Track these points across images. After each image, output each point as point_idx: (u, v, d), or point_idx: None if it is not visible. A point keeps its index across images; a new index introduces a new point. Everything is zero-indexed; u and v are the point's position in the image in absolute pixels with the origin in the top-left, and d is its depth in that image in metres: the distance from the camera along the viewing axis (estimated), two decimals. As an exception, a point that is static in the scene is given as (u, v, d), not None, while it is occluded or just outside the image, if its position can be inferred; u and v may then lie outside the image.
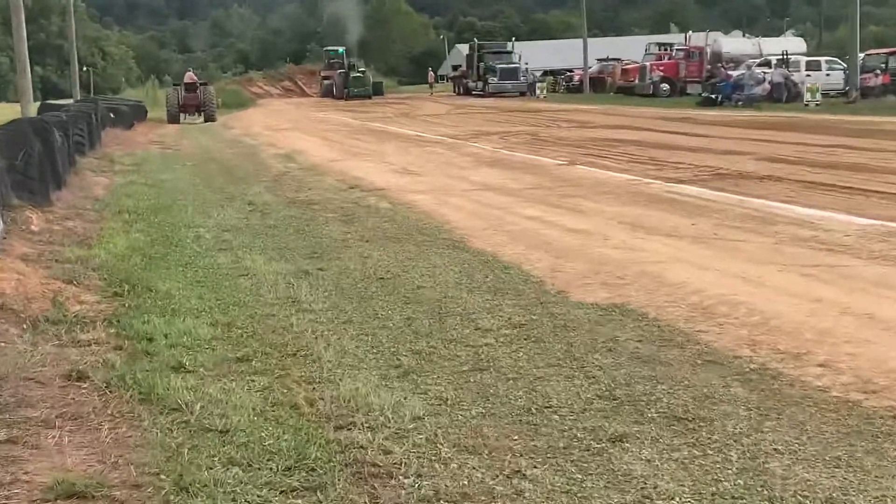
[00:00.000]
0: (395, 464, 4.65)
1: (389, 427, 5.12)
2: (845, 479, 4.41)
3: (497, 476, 4.50)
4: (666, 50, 61.96)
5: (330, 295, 8.35)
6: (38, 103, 34.38)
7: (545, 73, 74.62)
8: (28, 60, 28.29)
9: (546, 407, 5.42)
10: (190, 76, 50.10)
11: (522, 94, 65.98)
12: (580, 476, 4.50)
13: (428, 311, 7.69)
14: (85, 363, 6.26)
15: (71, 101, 41.89)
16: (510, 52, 71.84)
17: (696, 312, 7.39)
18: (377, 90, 74.48)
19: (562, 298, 8.03)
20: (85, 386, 5.89)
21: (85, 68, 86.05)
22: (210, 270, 9.51)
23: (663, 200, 13.63)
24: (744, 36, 77.12)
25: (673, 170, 17.43)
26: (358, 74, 72.66)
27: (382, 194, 15.53)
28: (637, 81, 55.54)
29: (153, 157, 24.68)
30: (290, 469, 4.58)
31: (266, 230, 12.17)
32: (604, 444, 4.85)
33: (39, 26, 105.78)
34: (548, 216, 12.63)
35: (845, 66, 44.48)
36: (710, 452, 4.73)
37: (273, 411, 5.41)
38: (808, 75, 44.41)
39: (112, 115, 33.81)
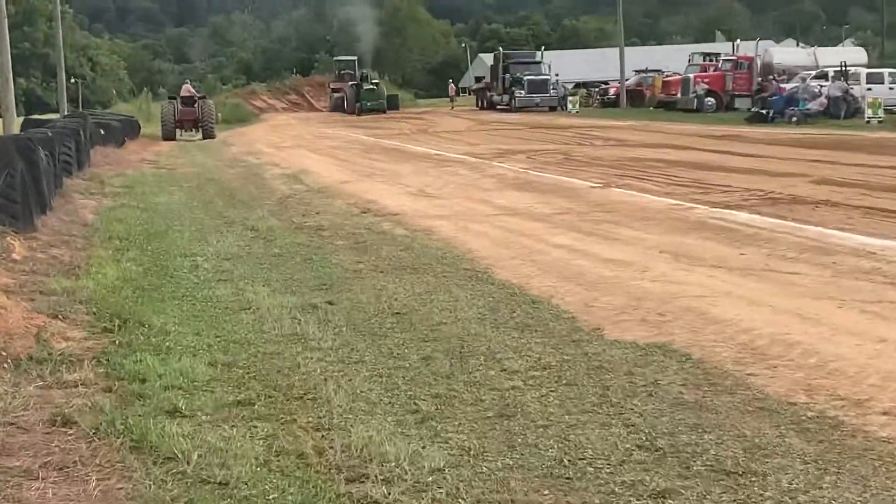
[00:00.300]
0: (412, 521, 4.64)
1: (406, 480, 5.12)
2: (914, 541, 4.37)
3: (526, 535, 4.49)
4: (711, 60, 61.97)
5: (340, 331, 8.36)
6: (22, 118, 34.62)
7: (577, 85, 74.80)
8: (11, 72, 28.52)
9: (580, 458, 5.41)
10: (187, 89, 50.39)
11: (552, 108, 65.99)
12: (618, 536, 4.48)
13: (448, 349, 7.69)
14: (71, 407, 6.28)
15: (57, 116, 42.19)
16: (539, 63, 71.89)
17: (747, 353, 7.36)
18: (392, 104, 74.68)
19: (596, 336, 8.01)
20: (71, 432, 5.91)
21: (73, 80, 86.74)
22: (209, 304, 9.54)
23: (709, 227, 13.60)
24: (798, 45, 77.19)
25: (719, 193, 17.40)
26: (371, 87, 72.84)
27: (398, 219, 15.56)
28: (679, 95, 55.55)
29: (146, 178, 24.81)
30: (296, 526, 4.58)
31: (270, 259, 12.20)
32: (645, 501, 4.83)
33: (23, 34, 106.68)
34: (580, 244, 12.62)
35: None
36: (763, 510, 4.70)
37: (278, 461, 5.41)
38: (870, 89, 44.30)
39: (102, 132, 34.02)
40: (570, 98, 65.86)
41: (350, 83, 75.88)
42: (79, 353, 7.61)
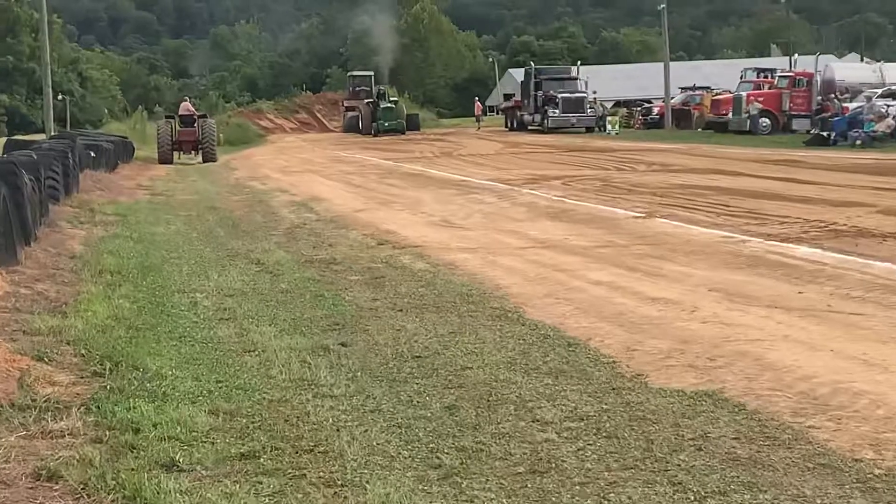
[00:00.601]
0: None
1: (428, 543, 5.10)
2: None
3: None
4: (766, 77, 62.03)
5: (355, 377, 8.36)
6: (4, 139, 34.90)
7: (617, 104, 75.00)
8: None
9: (621, 520, 5.39)
10: (186, 107, 50.78)
11: (589, 129, 66.13)
12: None
13: (475, 397, 7.68)
14: (57, 459, 6.29)
15: (43, 136, 42.48)
16: (575, 79, 72.02)
17: (807, 403, 7.32)
18: (412, 124, 75.00)
19: (639, 384, 7.98)
20: (57, 487, 5.91)
21: (60, 97, 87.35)
22: (209, 345, 9.56)
23: (764, 263, 13.57)
24: (862, 60, 77.08)
25: (776, 225, 17.36)
26: (389, 105, 73.15)
27: (419, 252, 15.58)
28: (730, 115, 55.53)
29: (141, 206, 24.94)
30: None
31: (277, 296, 12.23)
32: (693, 568, 4.80)
33: (6, 46, 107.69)
34: (622, 281, 12.61)
35: None
36: (826, 580, 4.67)
37: (285, 521, 5.40)
38: (944, 108, 44.22)
39: (92, 154, 34.20)
40: (608, 118, 66.03)
41: (366, 101, 76.27)
42: (66, 399, 7.63)
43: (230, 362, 8.90)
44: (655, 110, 69.08)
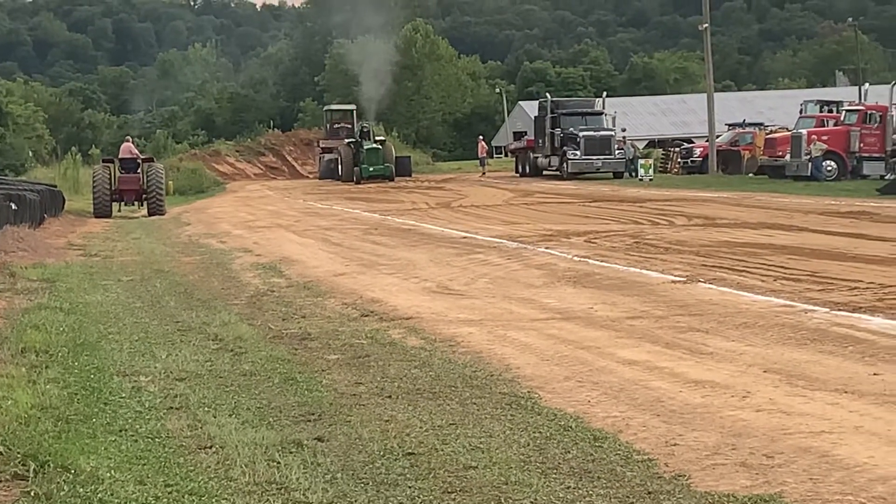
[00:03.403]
0: None
1: None
2: None
3: None
4: (831, 111, 62.26)
5: (334, 479, 8.35)
6: None
7: (651, 143, 75.31)
8: None
9: None
10: (128, 148, 50.81)
11: (618, 174, 66.38)
12: None
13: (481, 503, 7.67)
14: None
15: (-46, 184, 42.57)
16: (599, 114, 72.21)
17: (885, 510, 7.32)
18: (403, 169, 75.23)
19: (681, 487, 7.97)
20: None
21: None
22: (156, 441, 9.54)
23: (831, 337, 13.56)
24: (947, 90, 77.36)
25: (845, 291, 17.38)
26: (375, 146, 73.16)
27: (411, 325, 15.58)
28: (788, 157, 55.74)
29: (73, 269, 24.93)
30: None
31: (239, 379, 12.21)
32: None
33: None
34: (658, 360, 12.60)
35: None
36: None
37: None
38: None
39: (13, 207, 34.25)
40: (641, 161, 66.28)
41: (346, 140, 76.33)
42: (-19, 507, 7.61)
43: (182, 462, 8.87)
44: (697, 151, 69.33)
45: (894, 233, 26.76)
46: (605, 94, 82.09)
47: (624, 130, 71.18)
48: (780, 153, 57.38)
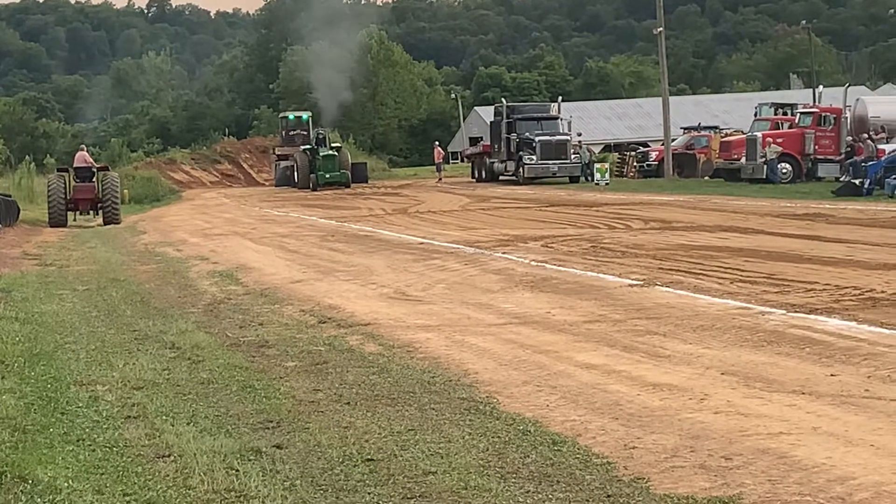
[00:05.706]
0: None
1: None
2: None
3: None
4: (785, 114, 62.52)
5: (293, 486, 8.34)
6: None
7: (607, 147, 75.45)
8: None
9: None
10: (82, 157, 50.55)
11: (574, 179, 66.43)
12: None
13: (440, 509, 7.67)
14: None
15: None
16: (555, 119, 72.16)
17: (843, 511, 7.35)
18: (359, 175, 75.16)
19: (640, 489, 7.99)
20: None
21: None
22: (114, 450, 9.50)
23: (788, 339, 13.62)
24: (900, 92, 77.90)
25: (801, 293, 17.45)
26: (331, 153, 73.00)
27: (369, 332, 15.57)
28: (744, 160, 55.86)
29: (28, 279, 24.82)
30: None
31: (197, 387, 12.18)
32: None
33: None
34: (616, 364, 12.63)
35: None
36: None
37: None
38: None
39: (-33, 217, 34.15)
40: (597, 166, 66.26)
41: (302, 148, 76.17)
42: (-62, 519, 7.57)
43: (140, 470, 8.85)
44: (653, 155, 69.47)
45: (849, 234, 26.88)
46: (560, 98, 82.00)
47: (580, 135, 71.21)
48: (736, 156, 57.51)
